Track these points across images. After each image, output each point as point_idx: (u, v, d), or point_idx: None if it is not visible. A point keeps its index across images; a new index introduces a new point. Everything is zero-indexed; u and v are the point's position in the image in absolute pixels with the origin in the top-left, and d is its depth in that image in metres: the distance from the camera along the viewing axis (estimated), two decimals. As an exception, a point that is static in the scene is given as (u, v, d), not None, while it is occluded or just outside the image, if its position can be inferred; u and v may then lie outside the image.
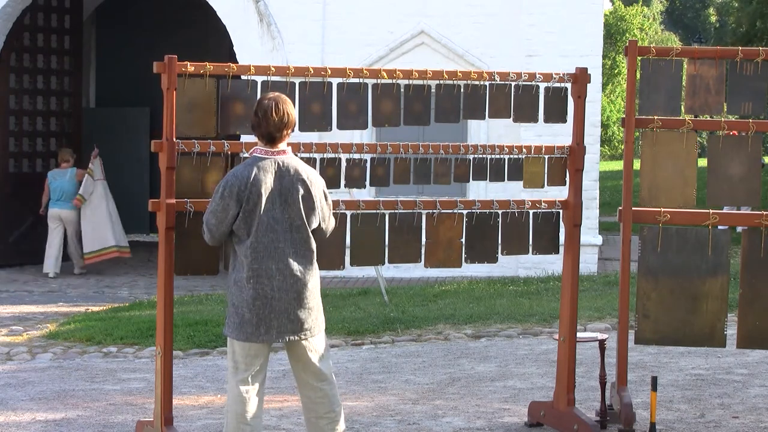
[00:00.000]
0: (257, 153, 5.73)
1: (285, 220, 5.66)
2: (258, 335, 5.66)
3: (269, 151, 5.71)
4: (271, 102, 5.70)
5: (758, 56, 7.08)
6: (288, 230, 5.67)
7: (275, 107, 5.68)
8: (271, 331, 5.65)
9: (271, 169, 5.66)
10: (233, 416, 5.70)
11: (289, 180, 5.67)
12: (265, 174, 5.64)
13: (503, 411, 7.51)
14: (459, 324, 10.76)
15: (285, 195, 5.66)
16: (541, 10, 14.93)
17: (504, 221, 6.86)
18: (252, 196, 5.61)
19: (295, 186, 5.68)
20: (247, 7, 15.33)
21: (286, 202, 5.66)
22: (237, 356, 5.73)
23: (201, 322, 10.85)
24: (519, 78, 6.84)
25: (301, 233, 5.70)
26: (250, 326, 5.65)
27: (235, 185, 5.63)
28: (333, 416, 5.82)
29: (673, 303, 6.99)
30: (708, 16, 65.94)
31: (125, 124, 19.28)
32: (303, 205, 5.69)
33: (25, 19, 16.52)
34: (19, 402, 7.96)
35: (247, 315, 5.65)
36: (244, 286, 5.65)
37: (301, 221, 5.69)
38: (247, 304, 5.64)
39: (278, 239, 5.64)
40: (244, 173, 5.65)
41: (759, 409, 7.48)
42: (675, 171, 7.09)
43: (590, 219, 14.53)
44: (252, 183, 5.61)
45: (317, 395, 5.81)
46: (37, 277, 15.65)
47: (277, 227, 5.64)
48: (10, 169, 16.57)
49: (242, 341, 5.69)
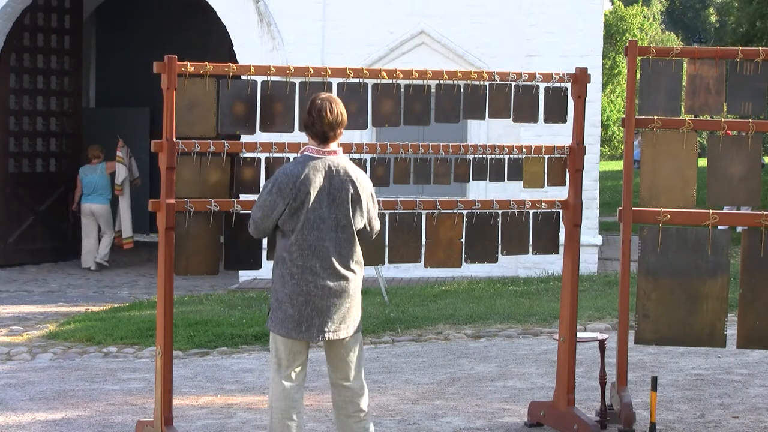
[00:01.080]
0: (309, 152, 5.77)
1: (331, 219, 5.71)
2: (299, 332, 5.71)
3: (321, 151, 5.76)
4: (325, 102, 5.75)
5: (758, 56, 7.08)
6: (333, 229, 5.72)
7: (329, 107, 5.74)
8: (312, 329, 5.71)
9: (321, 169, 5.71)
10: (278, 412, 5.76)
11: (338, 180, 5.72)
12: (315, 173, 5.69)
13: (503, 411, 7.51)
14: (459, 324, 10.76)
15: (333, 195, 5.71)
16: (541, 10, 14.92)
17: (504, 221, 6.86)
18: (300, 194, 5.66)
19: (344, 186, 5.73)
20: (247, 7, 15.33)
21: (334, 201, 5.71)
22: (280, 353, 5.78)
23: (201, 322, 10.85)
24: (519, 78, 6.84)
25: (346, 233, 5.75)
26: (292, 322, 5.71)
27: (285, 182, 5.67)
28: (362, 416, 5.88)
29: (673, 303, 6.99)
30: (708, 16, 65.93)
31: (125, 124, 19.27)
32: (351, 205, 5.74)
33: (25, 19, 16.51)
34: (19, 402, 7.96)
35: (290, 311, 5.71)
36: (288, 282, 5.70)
37: (347, 221, 5.75)
38: (290, 300, 5.70)
39: (323, 238, 5.69)
40: (294, 171, 5.69)
41: (759, 409, 7.48)
42: (675, 171, 7.09)
43: (590, 219, 14.52)
44: (302, 181, 5.66)
45: (347, 394, 5.87)
46: (37, 277, 15.66)
47: (323, 226, 5.69)
48: (10, 169, 16.56)
49: (283, 336, 5.74)
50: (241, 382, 8.52)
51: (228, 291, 14.06)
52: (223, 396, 8.05)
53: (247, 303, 12.34)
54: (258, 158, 6.42)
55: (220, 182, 6.37)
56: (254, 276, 14.91)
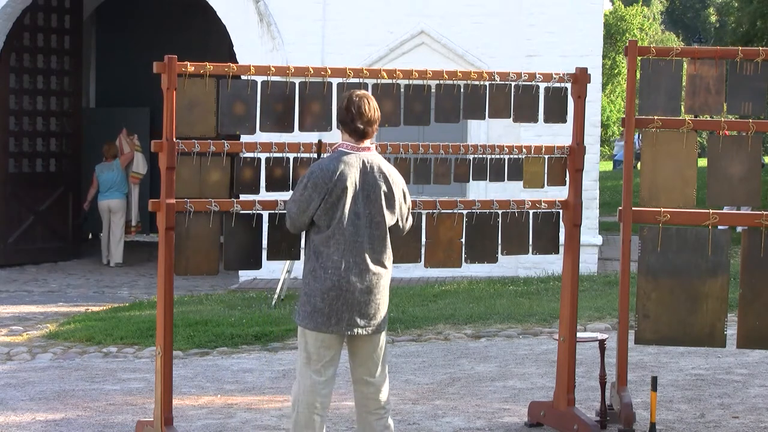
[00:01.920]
0: (343, 148, 5.79)
1: (365, 216, 5.73)
2: (328, 325, 5.72)
3: (355, 147, 5.78)
4: (362, 99, 5.78)
5: (758, 56, 7.08)
6: (368, 225, 5.74)
7: (367, 104, 5.77)
8: (341, 323, 5.72)
9: (356, 165, 5.73)
10: (305, 406, 5.76)
11: (372, 176, 5.74)
12: (350, 169, 5.71)
13: (503, 411, 7.51)
14: (459, 324, 10.76)
15: (368, 191, 5.73)
16: (541, 10, 14.93)
17: (504, 221, 6.86)
18: (336, 190, 5.67)
19: (378, 183, 5.75)
20: (247, 7, 15.32)
21: (368, 198, 5.73)
22: (309, 347, 5.79)
23: (201, 322, 10.85)
24: (519, 78, 6.84)
25: (380, 229, 5.77)
26: (321, 316, 5.71)
27: (320, 178, 5.69)
28: (382, 413, 5.90)
29: (673, 303, 6.99)
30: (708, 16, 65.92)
31: (125, 124, 19.26)
32: (385, 202, 5.76)
33: (25, 19, 16.52)
34: (19, 402, 7.96)
35: (319, 304, 5.71)
36: (320, 276, 5.70)
37: (381, 218, 5.77)
38: (321, 294, 5.70)
39: (357, 233, 5.71)
40: (330, 166, 5.71)
41: (759, 409, 7.48)
42: (675, 171, 7.09)
43: (590, 219, 14.52)
44: (338, 177, 5.68)
45: (370, 390, 5.88)
46: (37, 277, 15.66)
47: (357, 222, 5.71)
48: (10, 169, 16.56)
49: (311, 330, 5.74)
50: (241, 382, 8.52)
51: (228, 291, 14.07)
52: (223, 396, 8.05)
53: (247, 303, 12.34)
54: (258, 158, 6.42)
55: (220, 182, 6.37)
56: (254, 276, 14.91)
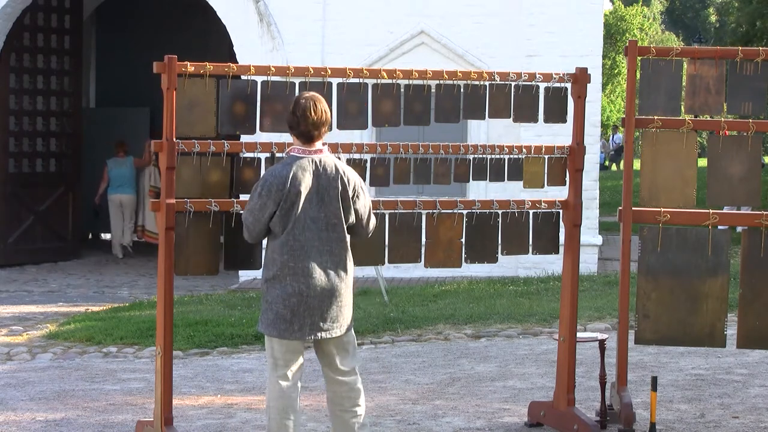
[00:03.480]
0: (295, 152, 5.77)
1: (321, 219, 5.71)
2: (292, 332, 5.71)
3: (307, 150, 5.75)
4: (309, 101, 5.75)
5: (758, 56, 7.08)
6: (324, 229, 5.72)
7: (314, 106, 5.73)
8: (305, 328, 5.72)
9: (309, 168, 5.70)
10: (276, 412, 5.76)
11: (326, 179, 5.72)
12: (304, 173, 5.69)
13: (503, 411, 7.51)
14: (459, 324, 10.76)
15: (322, 194, 5.71)
16: (541, 10, 14.93)
17: (504, 221, 6.86)
18: (290, 195, 5.65)
19: (332, 185, 5.73)
20: (247, 7, 15.33)
21: (323, 200, 5.71)
22: (276, 353, 5.79)
23: (201, 322, 10.85)
24: (519, 78, 6.84)
25: (337, 232, 5.75)
26: (283, 322, 5.71)
27: (274, 184, 5.67)
28: (357, 410, 5.90)
29: (673, 303, 6.99)
30: (708, 16, 65.92)
31: (125, 124, 19.29)
32: (341, 204, 5.74)
33: (25, 19, 16.52)
34: (19, 402, 7.96)
35: (281, 311, 5.70)
36: (279, 283, 5.70)
37: (338, 220, 5.74)
38: (282, 301, 5.69)
39: (314, 237, 5.69)
40: (283, 172, 5.69)
41: (759, 409, 7.48)
42: (675, 171, 7.09)
43: (590, 219, 14.52)
44: (291, 182, 5.65)
45: (342, 389, 5.88)
46: (37, 277, 15.66)
47: (313, 226, 5.69)
48: (10, 169, 16.56)
49: (275, 337, 5.75)
50: (241, 382, 8.52)
51: (228, 291, 14.07)
52: (223, 396, 8.05)
53: (247, 303, 12.34)
54: (258, 158, 6.42)
55: (220, 182, 6.37)
56: (254, 276, 14.90)
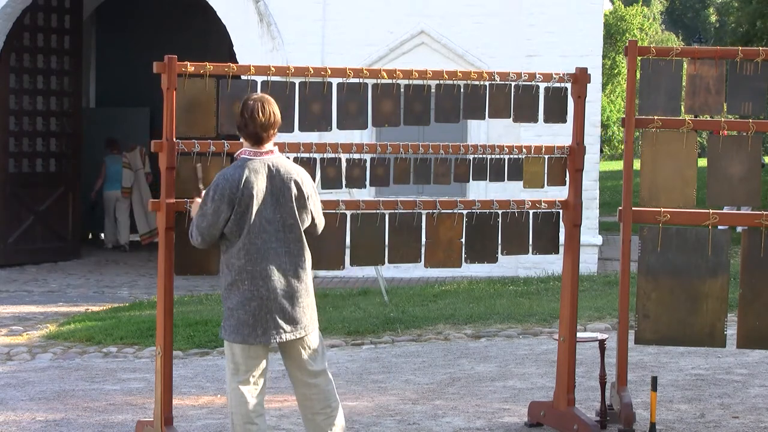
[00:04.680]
0: (245, 154, 5.69)
1: (277, 221, 5.64)
2: (255, 336, 5.63)
3: (257, 152, 5.68)
4: (257, 103, 5.67)
5: (758, 56, 7.08)
6: (281, 230, 5.65)
7: (261, 108, 5.65)
8: (269, 331, 5.63)
9: (261, 170, 5.63)
10: (239, 417, 5.68)
11: (279, 179, 5.65)
12: (256, 175, 5.61)
13: (503, 411, 7.51)
14: (459, 324, 10.76)
15: (277, 195, 5.64)
16: (541, 10, 14.93)
17: (504, 221, 6.86)
18: (244, 198, 5.58)
19: (286, 185, 5.66)
20: (247, 7, 15.33)
21: (278, 202, 5.64)
22: (237, 358, 5.70)
23: (201, 322, 10.85)
24: (519, 78, 6.84)
25: (294, 232, 5.68)
26: (246, 327, 5.63)
27: (226, 188, 5.59)
28: (329, 411, 5.81)
29: (673, 303, 6.99)
30: (708, 16, 65.91)
31: (125, 124, 19.29)
32: (296, 204, 5.68)
33: (25, 19, 16.51)
34: (19, 402, 7.96)
35: (243, 316, 5.62)
36: (238, 288, 5.62)
37: (294, 220, 5.68)
38: (243, 306, 5.62)
39: (271, 239, 5.62)
40: (235, 175, 5.61)
41: (759, 409, 7.48)
42: (675, 171, 7.09)
43: (590, 219, 14.53)
44: (243, 185, 5.58)
45: (312, 392, 5.79)
46: (37, 277, 15.66)
47: (269, 228, 5.63)
48: (10, 169, 16.55)
49: (239, 343, 5.66)
50: (241, 382, 8.51)
51: (228, 291, 14.04)
52: (222, 396, 8.04)
53: (247, 303, 12.32)
54: (258, 158, 6.41)
55: (220, 182, 6.35)
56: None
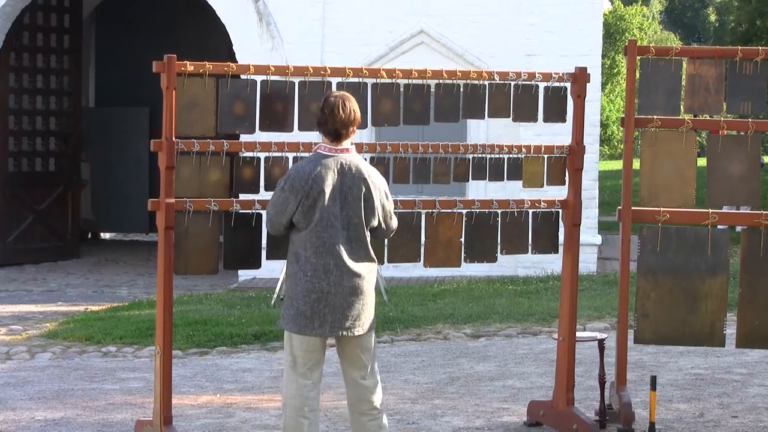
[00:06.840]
0: (321, 150, 5.78)
1: (343, 218, 5.72)
2: (312, 328, 5.71)
3: (333, 149, 5.76)
4: (338, 99, 5.76)
5: (758, 56, 7.08)
6: (345, 227, 5.73)
7: (342, 105, 5.74)
8: (325, 325, 5.72)
9: (333, 167, 5.71)
10: (292, 410, 5.75)
11: (350, 178, 5.72)
12: (327, 171, 5.69)
13: (502, 410, 7.51)
14: (458, 323, 10.76)
15: (345, 193, 5.71)
16: (541, 10, 14.93)
17: (503, 221, 6.86)
18: (312, 192, 5.67)
19: (356, 185, 5.73)
20: (247, 7, 15.33)
21: (346, 200, 5.71)
22: (295, 350, 5.78)
23: (200, 322, 10.85)
24: (518, 77, 6.84)
25: (357, 231, 5.75)
26: (303, 318, 5.71)
27: (297, 180, 5.68)
28: (376, 413, 5.88)
29: (672, 302, 6.99)
30: (707, 16, 65.92)
31: (125, 124, 19.29)
32: (363, 204, 5.75)
33: (24, 18, 16.51)
34: (18, 401, 7.96)
35: (302, 307, 5.71)
36: (301, 279, 5.71)
37: (359, 219, 5.75)
38: (303, 297, 5.70)
39: (336, 235, 5.70)
40: (306, 169, 5.70)
41: (758, 408, 7.48)
42: (674, 170, 7.09)
43: (589, 219, 14.52)
44: (313, 179, 5.66)
45: (361, 392, 5.87)
46: (37, 277, 15.66)
47: (335, 224, 5.70)
48: (10, 168, 16.56)
49: (295, 333, 5.74)
50: (241, 382, 8.52)
51: (227, 290, 14.06)
52: (222, 395, 8.05)
53: (246, 302, 12.34)
54: (257, 158, 6.42)
55: (220, 182, 6.37)
56: (253, 275, 14.90)
